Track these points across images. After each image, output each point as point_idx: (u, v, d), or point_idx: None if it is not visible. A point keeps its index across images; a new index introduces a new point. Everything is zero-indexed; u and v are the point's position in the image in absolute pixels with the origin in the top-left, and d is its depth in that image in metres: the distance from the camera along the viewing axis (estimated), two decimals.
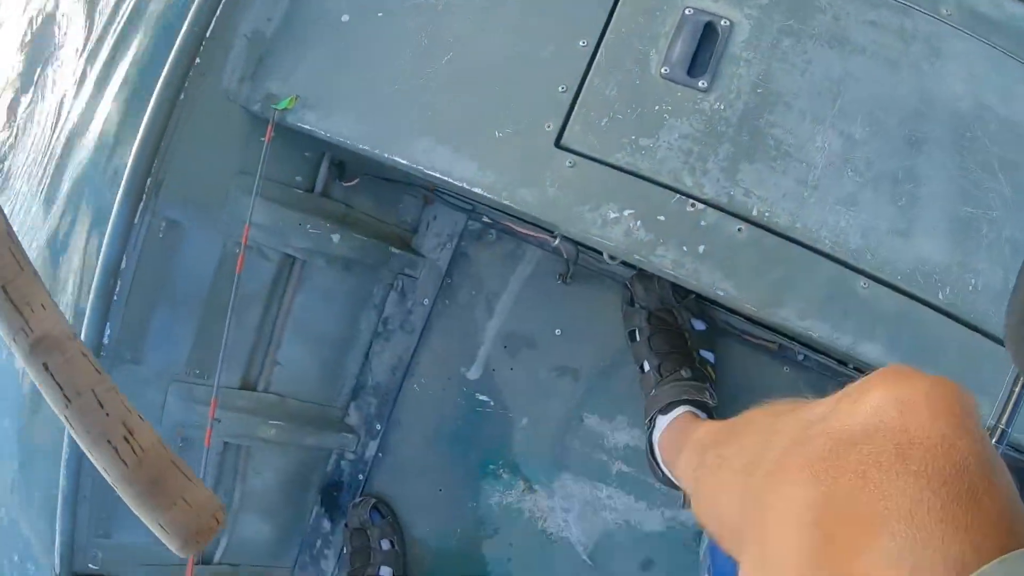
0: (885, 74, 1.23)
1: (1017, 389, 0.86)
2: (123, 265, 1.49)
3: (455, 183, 1.30)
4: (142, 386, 1.60)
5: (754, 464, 0.55)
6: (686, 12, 1.27)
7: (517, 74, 1.33)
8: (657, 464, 1.59)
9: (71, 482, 1.50)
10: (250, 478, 1.85)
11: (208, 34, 1.48)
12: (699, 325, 1.66)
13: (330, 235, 1.76)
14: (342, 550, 1.98)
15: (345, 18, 1.48)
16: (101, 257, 1.50)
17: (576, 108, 1.27)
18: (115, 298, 1.50)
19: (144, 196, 1.47)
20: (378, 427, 1.97)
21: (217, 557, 1.82)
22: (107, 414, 0.79)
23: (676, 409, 1.54)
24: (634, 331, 1.67)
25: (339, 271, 1.87)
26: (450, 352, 1.95)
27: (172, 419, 1.64)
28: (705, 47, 1.25)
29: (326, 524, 2.01)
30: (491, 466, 1.89)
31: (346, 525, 1.94)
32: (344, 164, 1.77)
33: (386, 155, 1.36)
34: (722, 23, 1.26)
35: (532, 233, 1.79)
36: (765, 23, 1.26)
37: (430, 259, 1.95)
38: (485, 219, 1.92)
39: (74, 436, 0.78)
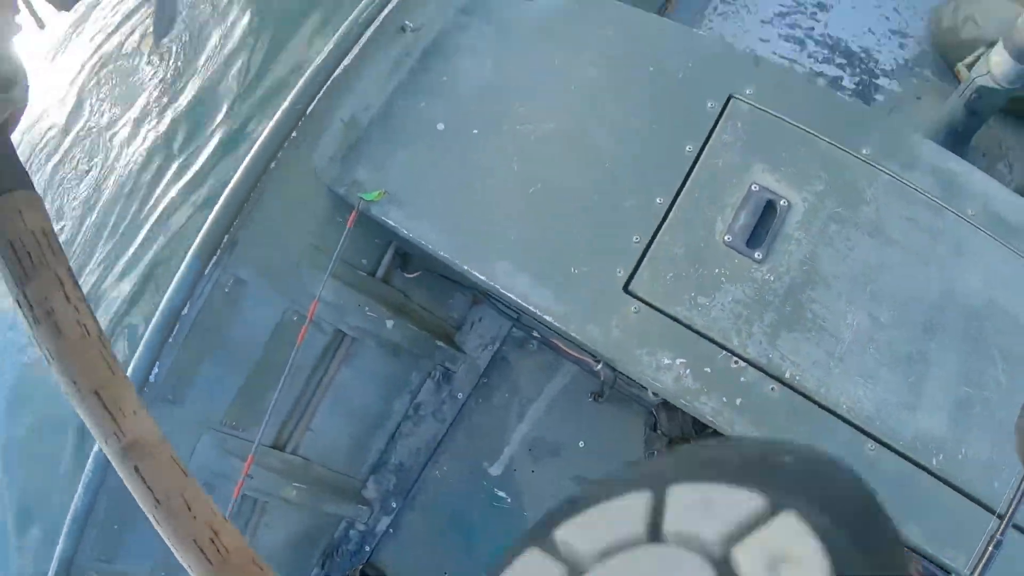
0: (913, 266, 1.44)
1: (989, 548, 1.06)
2: (185, 311, 1.66)
3: (529, 308, 1.48)
4: (176, 427, 1.75)
5: None
6: (752, 188, 1.48)
7: (598, 218, 1.52)
8: None
9: (87, 502, 1.63)
10: (261, 532, 1.98)
11: (308, 111, 1.67)
12: None
13: (385, 320, 1.93)
14: None
15: (440, 126, 1.67)
16: (165, 299, 1.68)
17: (646, 259, 1.47)
18: (171, 340, 1.67)
19: (219, 251, 1.65)
20: (394, 504, 2.12)
21: None
22: (194, 516, 0.83)
23: None
24: (653, 454, 1.85)
25: (385, 354, 2.03)
26: (476, 446, 2.11)
27: (198, 464, 1.78)
28: (764, 222, 1.46)
29: None
30: None
31: None
32: (408, 256, 1.95)
33: (466, 267, 1.54)
34: (781, 203, 1.47)
35: (574, 353, 1.96)
36: (818, 208, 1.47)
37: (471, 357, 2.13)
38: (535, 334, 2.10)
39: (161, 534, 0.82)
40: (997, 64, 1.89)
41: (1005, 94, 1.94)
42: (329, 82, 1.73)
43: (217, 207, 1.67)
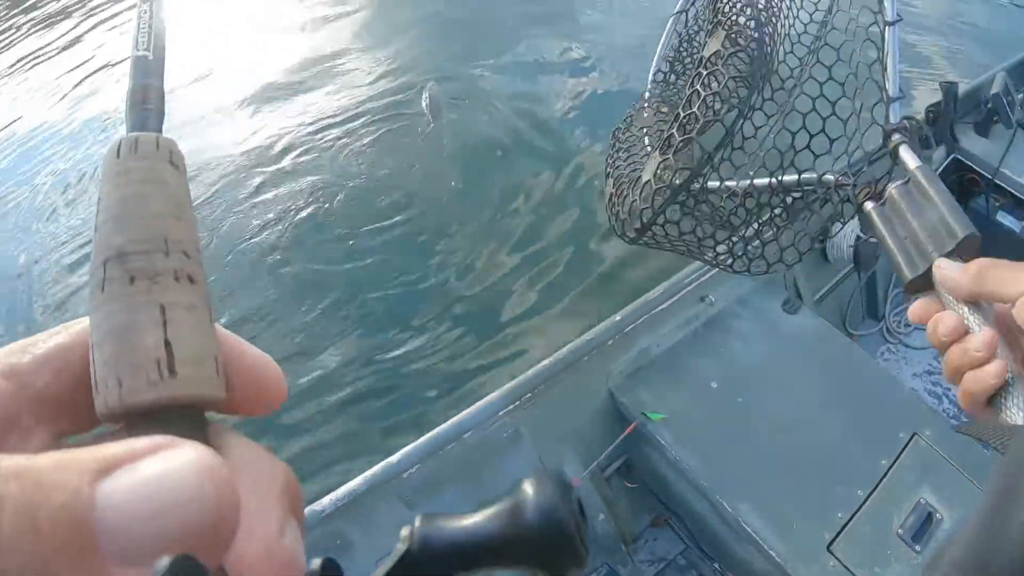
0: None
1: None
2: (466, 436, 2.23)
3: (760, 542, 2.14)
4: (392, 522, 2.14)
5: None
6: (920, 501, 2.19)
7: (816, 492, 2.22)
8: None
9: None
10: None
11: (625, 331, 2.42)
12: None
13: (599, 512, 2.57)
14: None
15: (714, 385, 2.41)
16: (456, 419, 2.22)
17: (844, 531, 2.16)
18: (440, 454, 2.19)
19: (514, 403, 2.29)
20: None
21: None
22: None
23: None
24: None
25: None
26: None
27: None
28: (925, 526, 2.15)
29: None
30: None
31: None
32: (632, 467, 2.62)
33: (717, 497, 2.20)
34: (937, 515, 2.17)
35: None
36: (957, 519, 2.17)
37: (637, 566, 2.69)
38: (717, 566, 2.62)
39: None
40: None
41: None
42: (645, 317, 2.48)
43: (533, 370, 2.32)
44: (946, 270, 0.83)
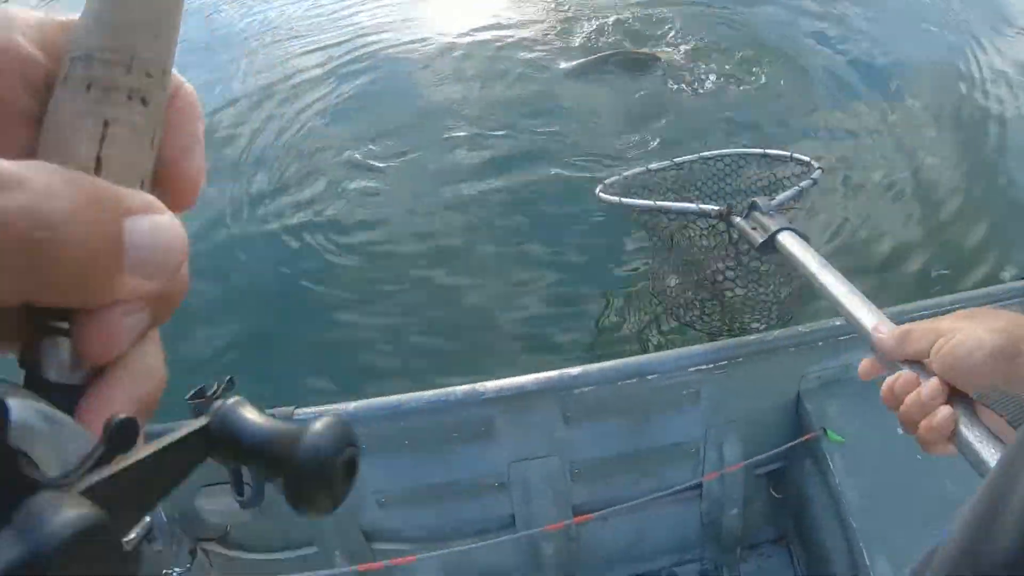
0: None
1: None
2: (649, 378, 2.08)
3: None
4: None
5: None
6: None
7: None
8: None
9: None
10: None
11: (834, 339, 2.17)
12: None
13: (734, 507, 2.47)
14: None
15: (899, 430, 2.17)
16: (642, 359, 2.10)
17: None
18: (618, 384, 2.08)
19: (706, 365, 2.10)
20: None
21: None
22: None
23: None
24: None
25: None
26: None
27: None
28: None
29: None
30: None
31: None
32: (784, 478, 2.49)
33: (860, 544, 1.97)
34: None
35: None
36: None
37: None
38: None
39: None
40: None
41: None
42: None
43: (735, 340, 2.14)
44: (881, 339, 1.08)
